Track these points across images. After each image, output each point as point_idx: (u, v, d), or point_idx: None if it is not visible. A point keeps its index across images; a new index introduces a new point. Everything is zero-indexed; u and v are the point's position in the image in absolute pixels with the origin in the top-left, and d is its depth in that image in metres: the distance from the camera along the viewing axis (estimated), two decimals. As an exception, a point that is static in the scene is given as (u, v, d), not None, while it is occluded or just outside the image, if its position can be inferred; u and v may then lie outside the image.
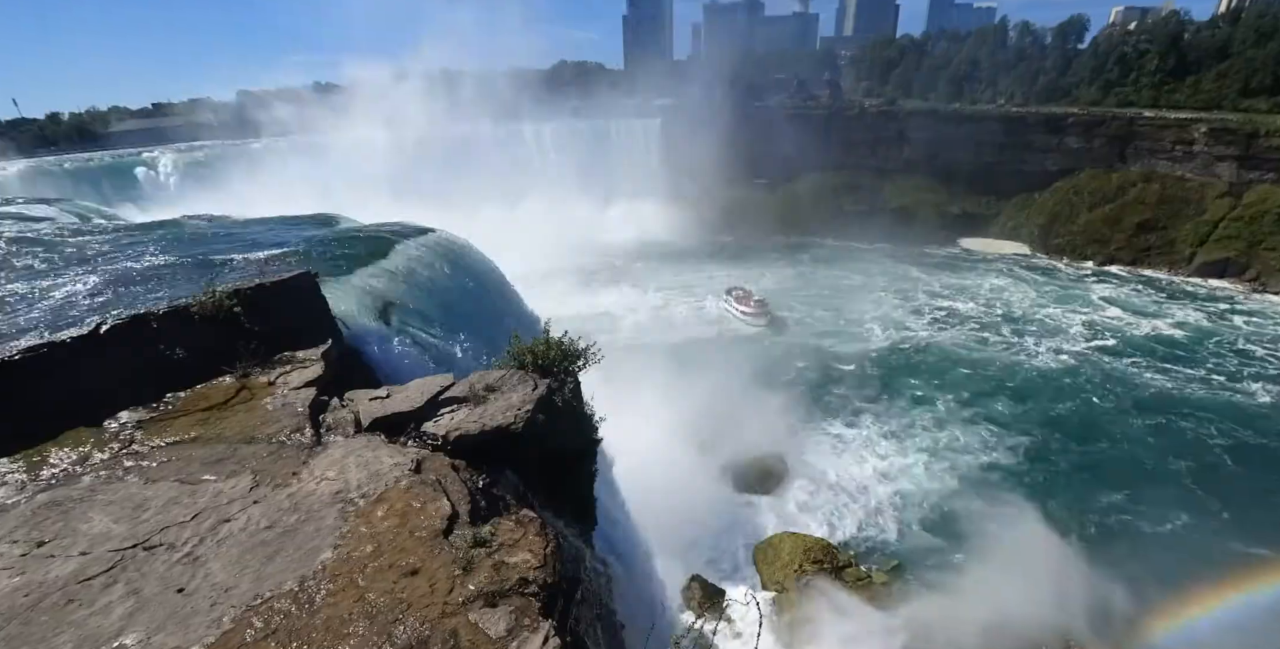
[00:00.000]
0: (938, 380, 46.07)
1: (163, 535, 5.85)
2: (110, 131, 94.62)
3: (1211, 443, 37.47)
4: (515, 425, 7.75)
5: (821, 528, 30.23)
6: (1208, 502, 31.52)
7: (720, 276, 70.74)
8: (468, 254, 19.60)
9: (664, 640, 4.17)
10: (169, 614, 4.93)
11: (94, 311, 9.92)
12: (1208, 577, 24.93)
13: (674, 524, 23.07)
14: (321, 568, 5.43)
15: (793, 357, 49.75)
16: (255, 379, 8.97)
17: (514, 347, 9.36)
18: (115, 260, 13.77)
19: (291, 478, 6.78)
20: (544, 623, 5.14)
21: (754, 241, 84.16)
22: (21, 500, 6.34)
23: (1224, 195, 69.17)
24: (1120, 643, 20.79)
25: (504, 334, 10.20)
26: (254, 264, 13.60)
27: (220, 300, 9.71)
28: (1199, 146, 71.14)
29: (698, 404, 35.89)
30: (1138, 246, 72.48)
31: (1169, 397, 43.35)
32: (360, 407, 8.38)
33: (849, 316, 59.23)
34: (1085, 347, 52.06)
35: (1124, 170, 77.33)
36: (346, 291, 13.34)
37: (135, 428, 7.69)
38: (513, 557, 5.87)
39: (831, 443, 38.22)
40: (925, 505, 32.42)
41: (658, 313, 61.05)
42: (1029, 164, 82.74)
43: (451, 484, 6.75)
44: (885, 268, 74.45)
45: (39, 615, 4.94)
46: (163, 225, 18.91)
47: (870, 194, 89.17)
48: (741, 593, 16.34)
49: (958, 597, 23.00)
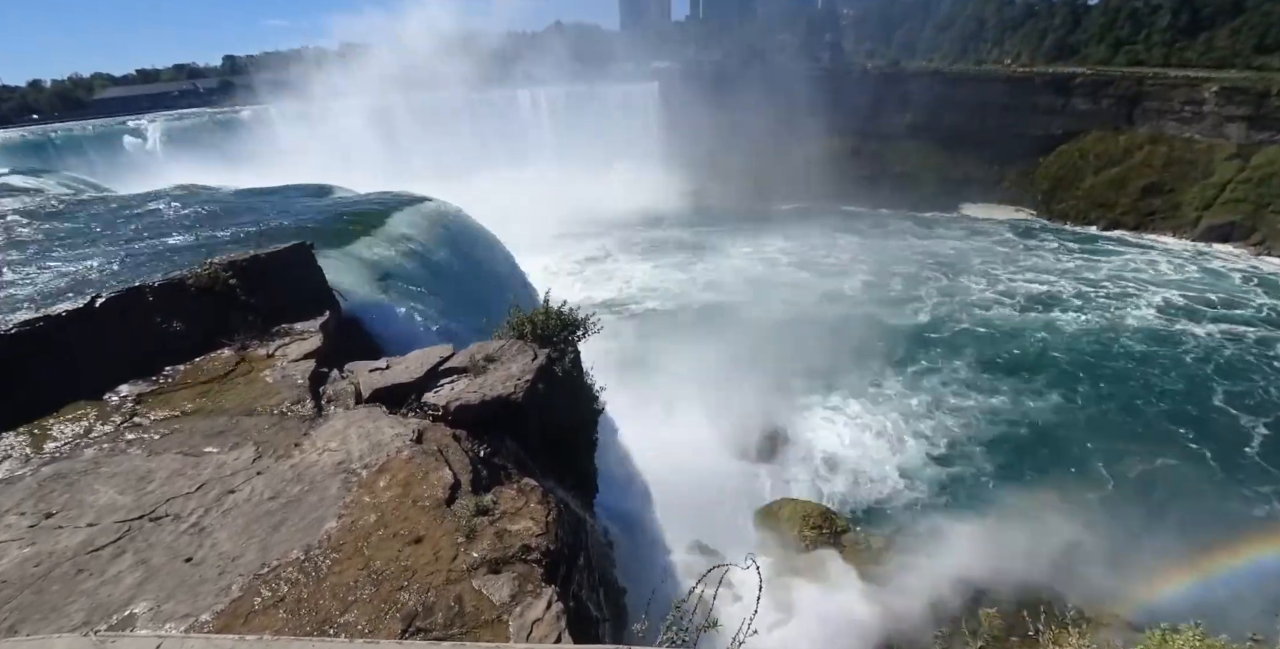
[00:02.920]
0: (940, 348, 46.23)
1: (168, 506, 5.91)
2: (95, 99, 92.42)
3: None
4: (516, 395, 7.75)
5: (820, 494, 30.78)
6: (1215, 465, 31.72)
7: (718, 245, 70.27)
8: (464, 223, 19.37)
9: (665, 605, 4.23)
10: (178, 583, 5.02)
11: (88, 285, 9.83)
12: (1209, 541, 25.23)
13: (675, 491, 23.44)
14: (326, 537, 5.50)
15: (795, 325, 49.78)
16: (254, 352, 8.95)
17: (513, 317, 9.31)
18: (108, 233, 13.59)
19: (294, 449, 6.82)
20: (547, 589, 5.24)
21: (751, 208, 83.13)
22: (27, 473, 6.38)
23: (1232, 157, 67.94)
24: (1118, 605, 21.31)
25: (503, 304, 10.13)
26: (248, 235, 13.44)
27: (216, 272, 9.62)
28: (1209, 107, 69.55)
29: (697, 373, 36.06)
30: (1142, 211, 71.59)
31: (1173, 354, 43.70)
32: (360, 378, 8.37)
33: (841, 285, 58.84)
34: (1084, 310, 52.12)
35: (1131, 132, 75.80)
36: (343, 263, 13.22)
37: (136, 401, 7.70)
38: (515, 524, 5.94)
39: (832, 409, 38.57)
40: (925, 469, 32.92)
41: (651, 280, 60.81)
42: (1034, 127, 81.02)
43: (453, 454, 6.80)
44: (882, 236, 73.85)
45: (50, 584, 5.02)
46: (153, 197, 18.61)
47: (871, 159, 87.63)
48: (742, 558, 16.73)
49: (953, 560, 23.52)
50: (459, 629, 4.73)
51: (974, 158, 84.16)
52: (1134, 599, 21.28)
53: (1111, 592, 21.82)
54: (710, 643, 4.59)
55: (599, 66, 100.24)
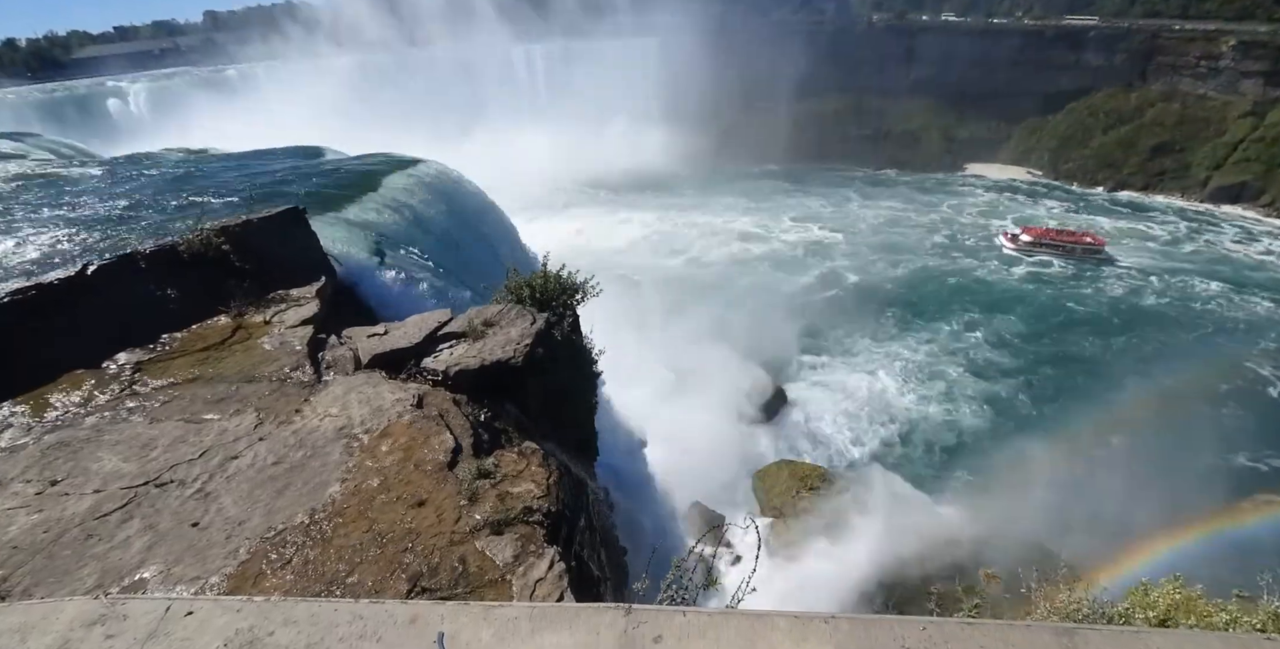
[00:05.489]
0: (934, 306, 46.23)
1: (172, 473, 5.96)
2: (74, 58, 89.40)
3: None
4: (515, 360, 7.74)
5: (818, 455, 31.29)
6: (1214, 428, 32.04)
7: (715, 206, 69.41)
8: (459, 185, 19.00)
9: (666, 564, 4.30)
10: (186, 547, 5.09)
11: (77, 252, 9.69)
12: (1204, 505, 25.68)
13: (675, 453, 23.81)
14: (331, 501, 5.56)
15: (794, 286, 49.61)
16: (250, 318, 8.88)
17: (511, 281, 9.22)
18: (96, 199, 13.31)
19: (295, 415, 6.83)
20: (549, 549, 5.33)
21: (751, 168, 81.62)
22: (29, 442, 6.41)
23: (1247, 115, 66.25)
24: (1109, 566, 21.84)
25: (500, 267, 10.01)
26: (240, 200, 13.18)
27: (208, 238, 9.46)
28: (1225, 62, 67.45)
29: (696, 332, 36.15)
30: (1151, 171, 70.32)
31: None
32: (359, 344, 8.33)
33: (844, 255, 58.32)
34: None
35: (1143, 89, 73.76)
36: (337, 227, 13.00)
37: (134, 369, 7.67)
38: (516, 487, 6.01)
39: (829, 370, 38.84)
40: (922, 427, 33.37)
41: (649, 241, 60.31)
42: (1044, 83, 78.74)
43: (454, 418, 6.82)
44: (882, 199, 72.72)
45: (61, 550, 5.10)
46: (140, 161, 18.18)
47: (875, 117, 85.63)
48: (741, 518, 17.15)
49: (945, 518, 24.12)
50: (463, 589, 4.83)
51: (981, 116, 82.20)
52: (1125, 560, 21.88)
53: (1103, 552, 22.40)
54: (710, 600, 4.69)
55: (596, 20, 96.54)
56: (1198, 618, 4.45)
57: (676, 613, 3.14)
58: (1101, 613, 4.56)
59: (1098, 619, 4.49)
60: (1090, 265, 52.70)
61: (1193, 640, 3.20)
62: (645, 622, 3.06)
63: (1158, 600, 4.66)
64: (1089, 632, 3.08)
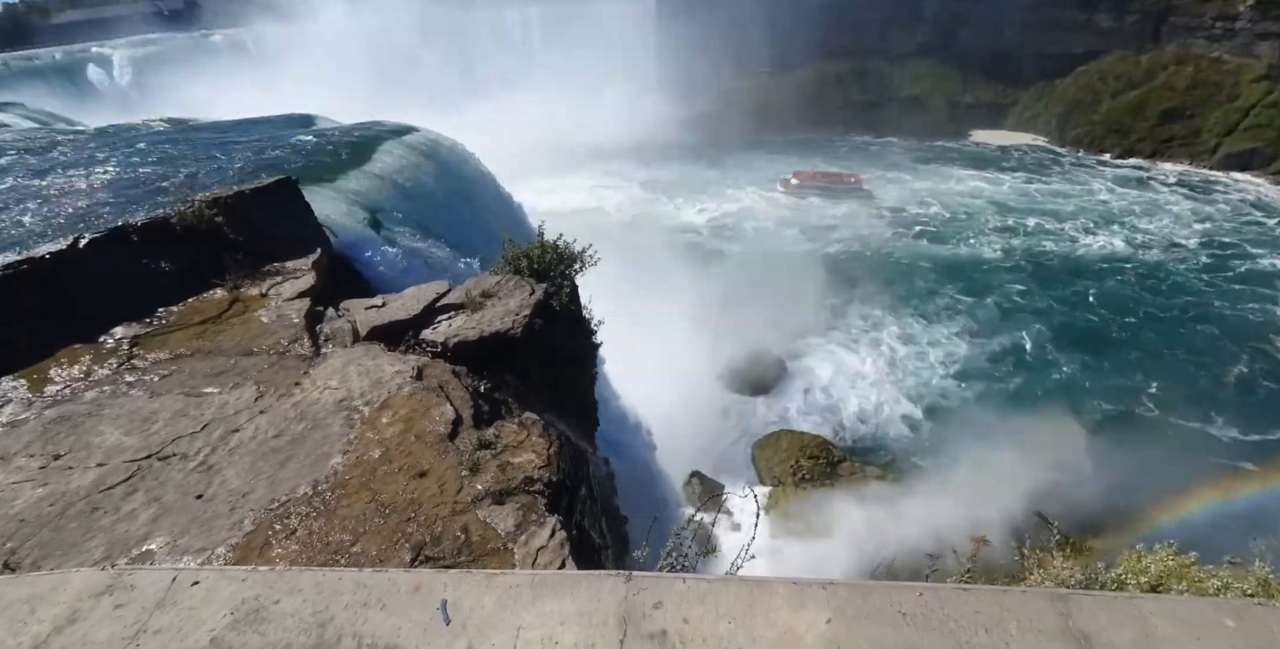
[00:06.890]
0: (935, 275, 46.06)
1: (175, 446, 5.99)
2: (51, 24, 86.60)
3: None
4: (514, 331, 7.72)
5: (819, 426, 31.51)
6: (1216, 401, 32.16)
7: (708, 175, 68.59)
8: (454, 154, 18.66)
9: (666, 533, 4.35)
10: (191, 519, 5.15)
11: (67, 225, 9.55)
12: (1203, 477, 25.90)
13: (676, 424, 24.01)
14: (333, 473, 5.60)
15: (791, 258, 49.25)
16: (247, 291, 8.81)
17: (509, 251, 9.12)
18: (84, 170, 13.08)
19: (294, 388, 6.84)
20: (550, 518, 5.40)
21: (750, 136, 79.97)
22: (30, 416, 6.43)
23: (1261, 79, 64.43)
24: (1106, 535, 22.18)
25: (497, 238, 9.89)
26: (231, 171, 12.95)
27: (200, 210, 9.31)
28: (1242, 22, 65.31)
29: (692, 304, 36.03)
30: (1159, 137, 68.88)
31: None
32: (357, 316, 8.29)
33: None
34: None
35: (1155, 51, 71.64)
36: (332, 197, 12.81)
37: (132, 343, 7.65)
38: (517, 457, 6.05)
39: (829, 341, 38.88)
40: (923, 399, 33.52)
41: (644, 211, 59.68)
42: (1053, 45, 76.40)
43: (453, 390, 6.84)
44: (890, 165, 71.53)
45: (68, 522, 5.16)
46: (126, 130, 17.80)
47: (878, 82, 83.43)
48: (740, 488, 17.41)
49: (947, 489, 24.38)
50: (466, 557, 4.91)
51: (987, 81, 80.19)
52: (1122, 528, 22.27)
53: (1100, 521, 22.78)
54: (709, 568, 4.77)
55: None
56: (1190, 584, 4.54)
57: (676, 580, 3.18)
58: (1095, 579, 4.64)
59: (1091, 585, 4.58)
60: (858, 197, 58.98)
61: (1184, 605, 3.25)
62: (646, 588, 3.10)
63: (1150, 567, 4.75)
64: (1082, 597, 3.13)
